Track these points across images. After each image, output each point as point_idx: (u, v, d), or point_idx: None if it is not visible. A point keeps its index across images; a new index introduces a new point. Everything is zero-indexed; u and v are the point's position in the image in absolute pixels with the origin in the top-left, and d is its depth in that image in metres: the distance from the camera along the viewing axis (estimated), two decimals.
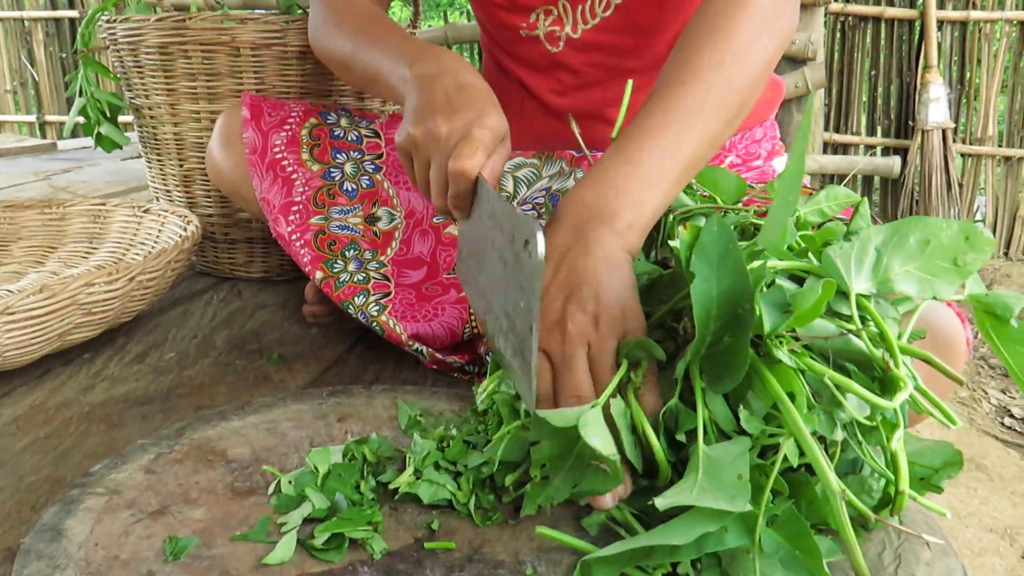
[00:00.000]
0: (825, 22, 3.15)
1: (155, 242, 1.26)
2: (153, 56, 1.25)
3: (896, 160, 3.21)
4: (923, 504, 0.55)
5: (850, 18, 3.27)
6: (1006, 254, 3.33)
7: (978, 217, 3.41)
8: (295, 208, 1.03)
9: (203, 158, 1.26)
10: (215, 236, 1.35)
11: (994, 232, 3.33)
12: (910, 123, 3.25)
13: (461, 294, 0.99)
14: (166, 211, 1.28)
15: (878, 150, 3.36)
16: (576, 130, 0.82)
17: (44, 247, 1.35)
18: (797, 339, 0.53)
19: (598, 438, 0.52)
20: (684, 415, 0.55)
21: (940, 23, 3.18)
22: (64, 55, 3.74)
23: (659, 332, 0.62)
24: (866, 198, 0.65)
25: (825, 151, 3.30)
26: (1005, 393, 2.51)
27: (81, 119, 1.40)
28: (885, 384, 0.53)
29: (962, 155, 3.28)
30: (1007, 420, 2.36)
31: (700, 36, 0.72)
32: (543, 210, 1.02)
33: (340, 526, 0.56)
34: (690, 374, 0.55)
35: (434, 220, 1.05)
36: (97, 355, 1.05)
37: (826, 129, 3.30)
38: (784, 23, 0.75)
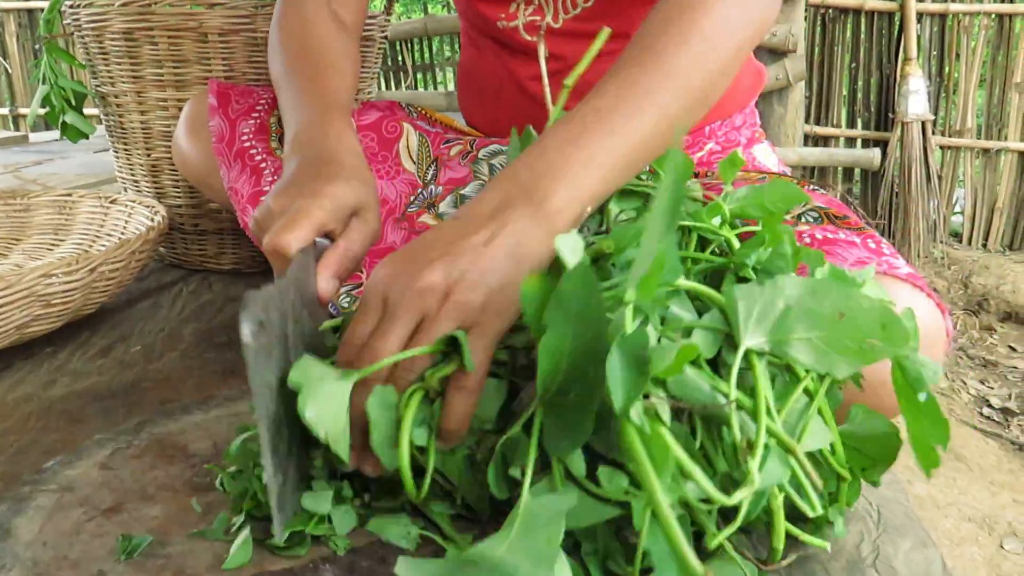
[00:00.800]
0: (806, 15, 3.15)
1: (122, 233, 1.23)
2: (118, 42, 1.21)
3: (876, 152, 3.22)
4: (805, 541, 0.51)
5: (830, 10, 3.27)
6: (984, 246, 3.35)
7: (956, 209, 3.42)
8: (263, 198, 1.00)
9: (171, 147, 1.23)
10: (184, 227, 1.32)
11: (972, 224, 3.35)
12: (890, 115, 3.26)
13: None
14: (133, 202, 1.25)
15: (858, 142, 3.37)
16: (543, 54, 0.78)
17: (8, 239, 1.31)
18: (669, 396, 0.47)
19: (315, 411, 0.46)
20: (524, 448, 0.49)
21: (919, 16, 3.19)
22: (38, 47, 3.67)
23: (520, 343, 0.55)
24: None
25: (806, 143, 3.30)
26: (984, 384, 2.53)
27: (45, 108, 1.36)
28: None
29: (941, 147, 3.30)
30: (985, 410, 2.37)
31: (668, 13, 0.67)
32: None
33: (301, 523, 0.54)
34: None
35: (408, 209, 1.03)
36: (60, 349, 1.02)
37: (807, 122, 3.31)
38: (763, 6, 0.73)
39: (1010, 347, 2.77)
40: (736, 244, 0.58)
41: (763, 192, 0.59)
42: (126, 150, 1.31)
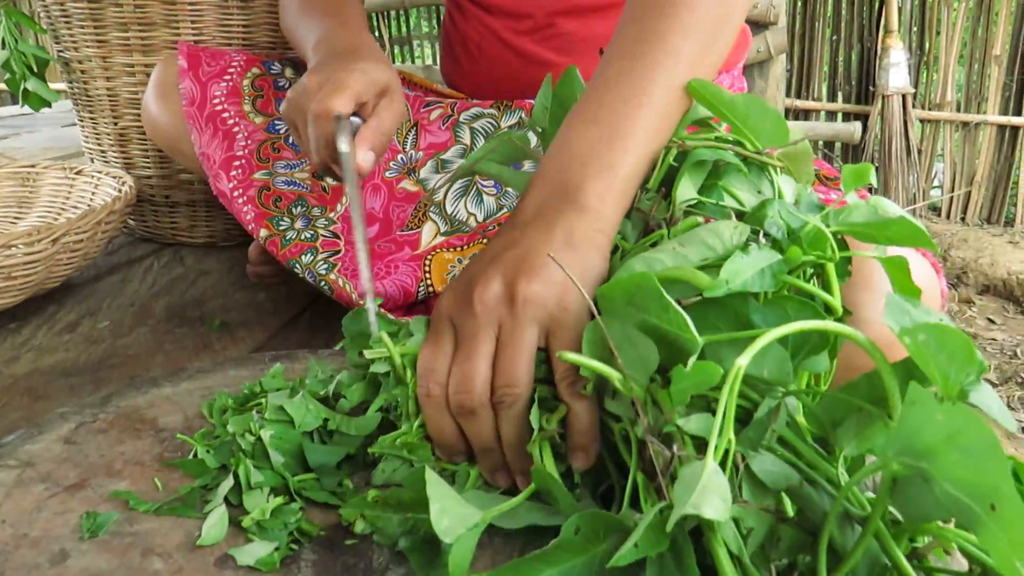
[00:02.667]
0: None
1: (88, 205, 1.18)
2: (81, 4, 1.16)
3: (857, 126, 3.20)
4: None
5: None
6: (963, 219, 3.36)
7: (935, 183, 3.43)
8: (237, 163, 0.97)
9: (139, 115, 1.18)
10: (155, 199, 1.27)
11: (951, 198, 3.36)
12: (870, 88, 3.25)
13: (416, 251, 0.94)
14: (100, 172, 1.20)
15: (839, 116, 3.36)
16: None
17: None
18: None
19: (448, 522, 0.42)
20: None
21: None
22: None
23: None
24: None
25: (786, 117, 3.28)
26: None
27: (5, 75, 1.30)
28: None
29: (921, 121, 3.29)
30: None
31: None
32: None
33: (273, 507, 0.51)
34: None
35: (386, 174, 0.99)
36: (24, 324, 0.98)
37: (788, 95, 3.28)
38: None
39: (989, 319, 2.78)
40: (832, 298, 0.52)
41: (888, 227, 0.51)
42: (92, 119, 1.26)
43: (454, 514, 0.42)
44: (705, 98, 0.58)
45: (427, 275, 0.91)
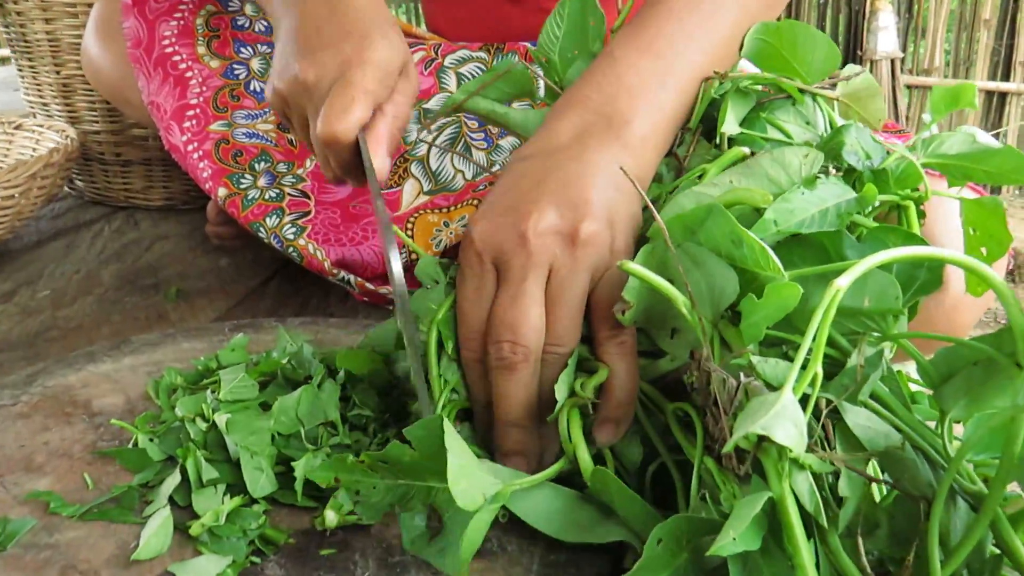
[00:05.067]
0: None
1: None
2: None
3: None
4: None
5: None
6: None
7: None
8: (191, 113, 0.86)
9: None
10: (105, 158, 1.16)
11: None
12: (859, 53, 3.17)
13: (396, 212, 0.84)
14: (42, 127, 1.08)
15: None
16: None
17: None
18: None
19: (467, 484, 0.35)
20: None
21: None
22: None
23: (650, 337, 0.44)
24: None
25: None
26: None
27: None
28: None
29: (908, 86, 3.22)
30: None
31: None
32: None
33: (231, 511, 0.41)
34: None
35: None
36: None
37: None
38: None
39: None
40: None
41: (989, 160, 0.45)
42: (31, 67, 1.13)
43: (474, 477, 0.33)
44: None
45: (410, 240, 0.81)
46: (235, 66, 0.88)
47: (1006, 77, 3.15)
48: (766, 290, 0.36)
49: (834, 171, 0.44)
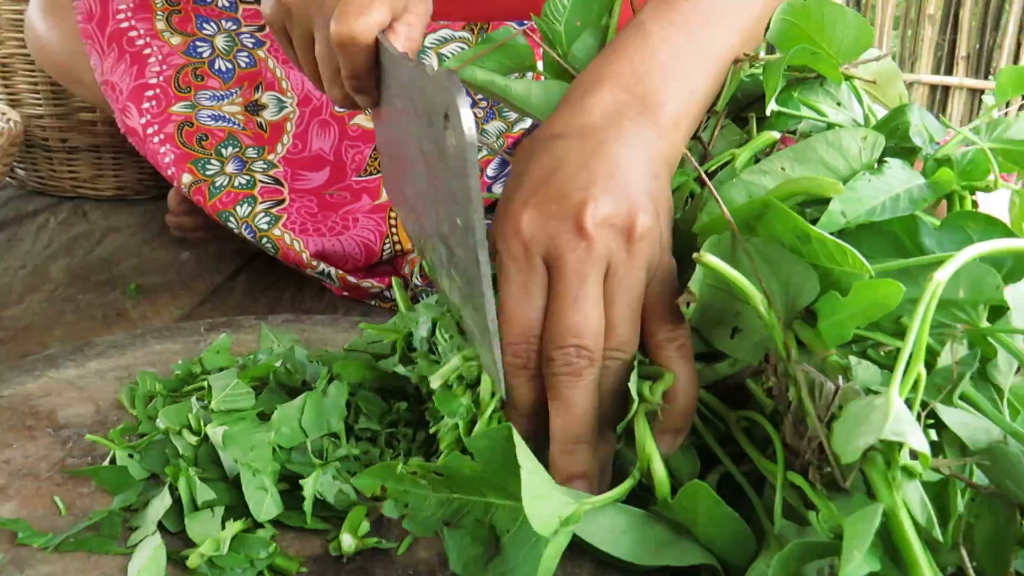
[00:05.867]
0: None
1: None
2: None
3: None
4: None
5: None
6: None
7: None
8: (150, 93, 0.79)
9: (24, 32, 0.98)
10: (49, 144, 1.07)
11: None
12: None
13: (376, 201, 0.79)
14: None
15: None
16: None
17: None
18: None
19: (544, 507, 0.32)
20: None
21: None
22: None
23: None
24: None
25: None
26: None
27: None
28: None
29: None
30: None
31: None
32: (480, 95, 0.82)
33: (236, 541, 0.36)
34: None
35: (336, 108, 0.83)
36: None
37: None
38: None
39: None
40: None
41: None
42: None
43: (549, 497, 0.29)
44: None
45: (392, 230, 0.76)
46: (198, 43, 0.82)
47: (949, 71, 3.23)
48: (855, 288, 0.33)
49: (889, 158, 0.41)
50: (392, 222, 0.76)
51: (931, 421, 0.31)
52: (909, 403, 0.29)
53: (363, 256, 0.74)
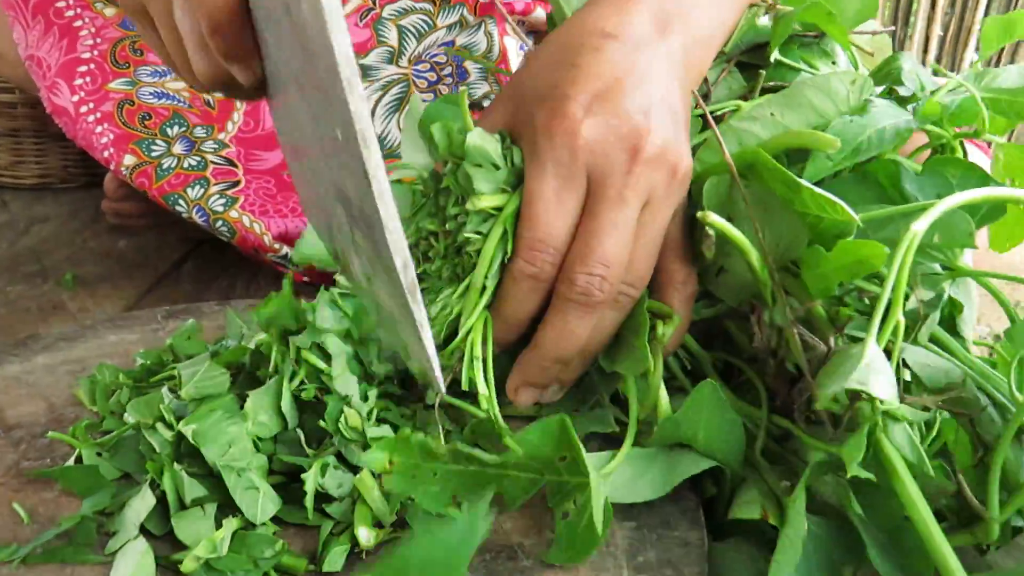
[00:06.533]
0: None
1: None
2: None
3: None
4: None
5: None
6: None
7: None
8: (83, 69, 0.73)
9: None
10: None
11: None
12: None
13: None
14: None
15: None
16: None
17: None
18: None
19: None
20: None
21: None
22: None
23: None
24: None
25: None
26: None
27: None
28: None
29: None
30: None
31: None
32: (446, 72, 0.78)
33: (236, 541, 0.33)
34: None
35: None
36: None
37: None
38: None
39: None
40: None
41: None
42: None
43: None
44: None
45: None
46: None
47: None
48: (839, 246, 0.34)
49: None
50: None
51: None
52: (889, 349, 0.30)
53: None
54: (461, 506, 0.32)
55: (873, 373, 0.29)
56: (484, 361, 0.36)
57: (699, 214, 0.34)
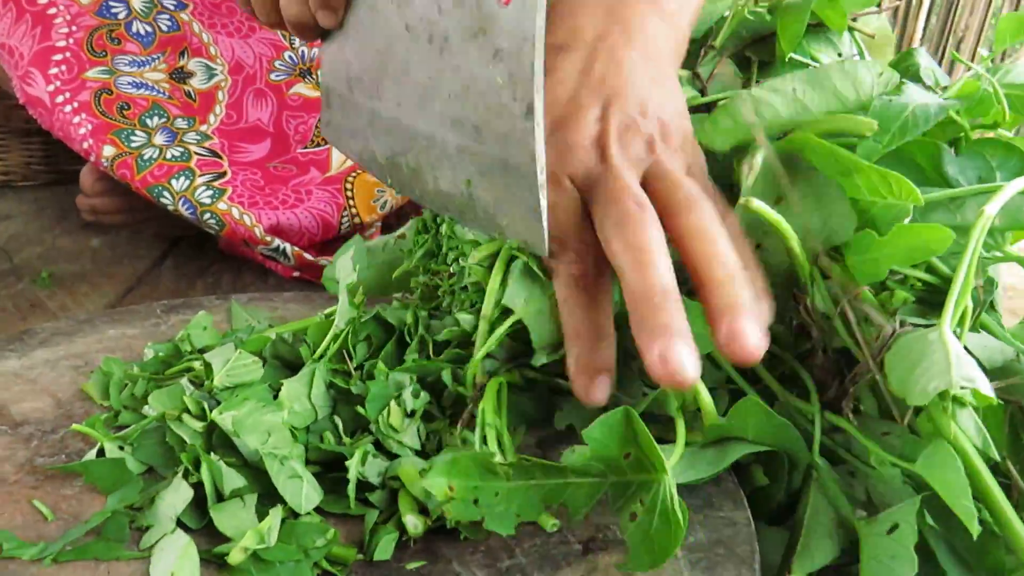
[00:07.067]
0: None
1: None
2: None
3: None
4: None
5: None
6: None
7: None
8: (59, 57, 0.70)
9: None
10: None
11: None
12: None
13: (326, 173, 0.73)
14: None
15: None
16: None
17: None
18: None
19: None
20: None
21: None
22: None
23: None
24: None
25: None
26: None
27: None
28: None
29: None
30: None
31: None
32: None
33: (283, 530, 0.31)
34: None
35: (272, 77, 0.77)
36: None
37: None
38: None
39: None
40: None
41: None
42: None
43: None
44: None
45: (350, 202, 0.71)
46: (112, 3, 0.73)
47: None
48: (896, 229, 0.33)
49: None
50: (349, 194, 0.71)
51: None
52: (956, 337, 0.30)
53: (320, 230, 0.69)
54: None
55: (970, 368, 0.29)
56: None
57: (741, 200, 0.34)
